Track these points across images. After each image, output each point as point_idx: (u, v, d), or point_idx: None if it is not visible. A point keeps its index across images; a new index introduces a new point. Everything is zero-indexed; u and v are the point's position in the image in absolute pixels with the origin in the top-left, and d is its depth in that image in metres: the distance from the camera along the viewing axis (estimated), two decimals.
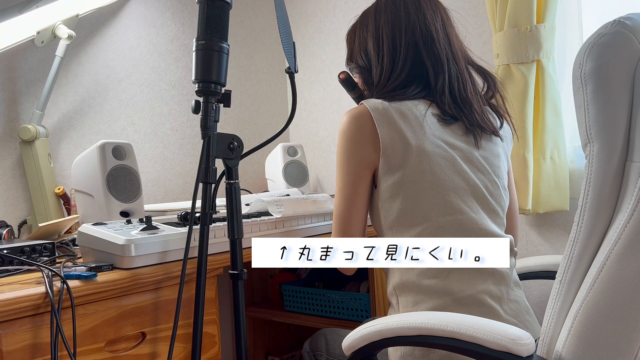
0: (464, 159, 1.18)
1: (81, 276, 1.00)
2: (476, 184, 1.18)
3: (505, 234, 1.20)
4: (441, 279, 1.12)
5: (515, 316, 1.14)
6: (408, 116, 1.16)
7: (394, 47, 1.24)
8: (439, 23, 1.26)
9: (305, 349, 1.43)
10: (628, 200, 0.79)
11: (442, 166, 1.15)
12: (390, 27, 1.25)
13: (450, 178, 1.15)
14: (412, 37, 1.24)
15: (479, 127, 1.22)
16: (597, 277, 0.81)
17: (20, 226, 1.62)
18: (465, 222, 1.14)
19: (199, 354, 1.07)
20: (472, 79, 1.28)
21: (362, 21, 1.33)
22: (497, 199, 1.21)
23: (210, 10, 1.06)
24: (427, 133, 1.16)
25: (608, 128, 0.81)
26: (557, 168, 1.70)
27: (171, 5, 2.06)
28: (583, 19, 1.79)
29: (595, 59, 0.80)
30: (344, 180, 1.21)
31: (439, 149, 1.16)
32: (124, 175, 1.44)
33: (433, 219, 1.14)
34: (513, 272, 1.20)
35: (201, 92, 1.07)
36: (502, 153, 1.26)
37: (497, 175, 1.22)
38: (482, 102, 1.27)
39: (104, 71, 1.86)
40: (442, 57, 1.23)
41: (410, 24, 1.24)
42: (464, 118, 1.21)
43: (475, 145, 1.20)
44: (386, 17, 1.26)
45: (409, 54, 1.23)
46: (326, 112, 2.37)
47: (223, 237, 1.24)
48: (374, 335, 0.98)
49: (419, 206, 1.14)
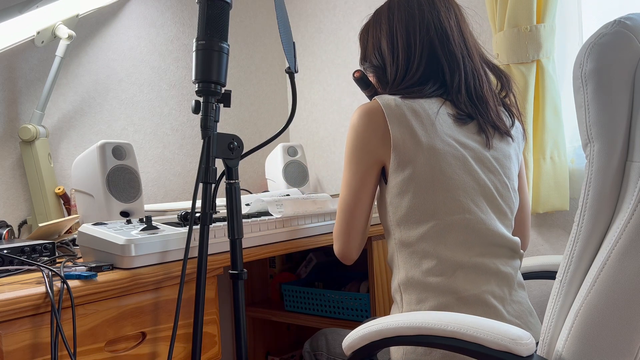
0: (475, 158, 1.17)
1: (81, 276, 1.00)
2: (486, 184, 1.17)
3: (512, 236, 1.20)
4: (447, 277, 1.12)
5: (518, 317, 1.14)
6: (420, 114, 1.16)
7: (408, 46, 1.23)
8: (453, 20, 1.25)
9: (305, 348, 1.43)
10: (628, 200, 0.79)
11: (453, 165, 1.15)
12: (404, 26, 1.24)
13: (460, 177, 1.15)
14: (426, 35, 1.22)
15: (492, 126, 1.21)
16: (598, 277, 0.80)
17: (20, 226, 1.62)
18: (473, 222, 1.14)
19: (199, 354, 1.07)
20: (488, 76, 1.27)
21: (375, 20, 1.31)
22: (507, 200, 1.20)
23: (210, 10, 1.06)
24: (439, 131, 1.15)
25: (608, 128, 0.81)
26: (557, 168, 1.70)
27: (171, 5, 2.06)
28: (583, 19, 1.79)
29: (595, 59, 0.80)
30: (352, 172, 1.21)
31: (450, 148, 1.15)
32: (124, 175, 1.44)
33: (441, 217, 1.14)
34: (517, 274, 1.20)
35: (201, 92, 1.07)
36: (514, 154, 1.26)
37: (507, 176, 1.21)
38: (496, 100, 1.26)
39: (104, 71, 1.86)
40: (458, 55, 1.22)
41: (425, 22, 1.23)
42: (479, 116, 1.20)
43: (486, 145, 1.20)
44: (400, 15, 1.25)
45: (425, 51, 1.22)
46: (326, 112, 2.37)
47: (223, 237, 1.24)
48: (374, 335, 0.98)
49: (428, 203, 1.14)
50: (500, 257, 1.16)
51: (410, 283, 1.15)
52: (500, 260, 1.16)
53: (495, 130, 1.22)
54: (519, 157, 1.29)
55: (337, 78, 2.35)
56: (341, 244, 1.26)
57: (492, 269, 1.14)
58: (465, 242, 1.14)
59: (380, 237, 1.68)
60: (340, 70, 2.34)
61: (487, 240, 1.15)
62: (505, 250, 1.17)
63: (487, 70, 1.28)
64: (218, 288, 1.25)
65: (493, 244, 1.16)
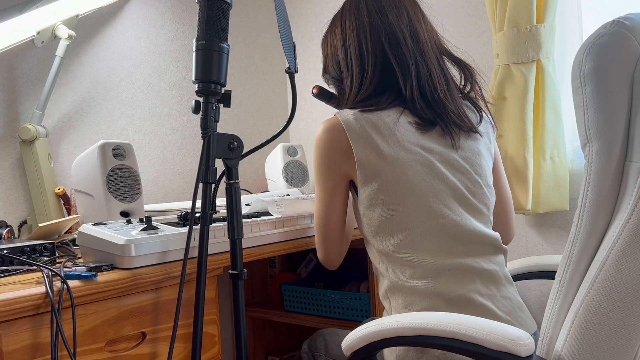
0: (442, 161, 1.17)
1: (81, 276, 1.00)
2: (456, 185, 1.16)
3: (492, 232, 1.19)
4: (430, 280, 1.11)
5: (508, 313, 1.13)
6: (380, 126, 1.15)
7: (361, 55, 1.22)
8: (405, 22, 1.22)
9: (304, 349, 1.43)
10: (627, 200, 0.79)
11: (419, 172, 1.14)
12: (355, 34, 1.23)
13: (428, 183, 1.14)
14: (377, 42, 1.21)
15: (456, 127, 1.20)
16: (597, 277, 0.81)
17: (20, 226, 1.62)
18: (447, 226, 1.14)
19: (199, 354, 1.07)
20: (447, 74, 1.24)
21: (331, 28, 1.31)
22: (481, 198, 1.19)
23: (210, 10, 1.06)
24: (401, 140, 1.15)
25: (607, 128, 0.81)
26: (557, 168, 1.70)
27: (171, 5, 2.06)
28: (583, 19, 1.79)
29: (594, 59, 0.80)
30: (320, 188, 1.24)
31: (415, 155, 1.15)
32: (124, 175, 1.44)
33: (414, 226, 1.13)
34: (504, 269, 1.19)
35: (201, 92, 1.07)
36: (484, 149, 1.24)
37: (478, 173, 1.20)
38: (458, 98, 1.24)
39: (104, 71, 1.86)
40: (409, 59, 1.20)
41: (375, 29, 1.21)
42: (439, 120, 1.19)
43: (453, 147, 1.19)
44: (350, 23, 1.24)
45: (377, 60, 1.21)
46: (326, 112, 2.37)
47: (223, 237, 1.24)
48: (374, 335, 0.98)
49: (400, 213, 1.14)
50: (482, 255, 1.15)
51: (395, 288, 1.15)
52: (482, 258, 1.15)
53: (460, 130, 1.21)
54: (490, 150, 1.28)
55: None
56: (322, 252, 1.31)
57: (475, 268, 1.13)
58: (443, 247, 1.13)
59: None
60: None
61: (466, 240, 1.14)
62: (486, 247, 1.17)
63: (446, 68, 1.25)
64: (218, 288, 1.25)
65: (472, 243, 1.15)
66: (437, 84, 1.21)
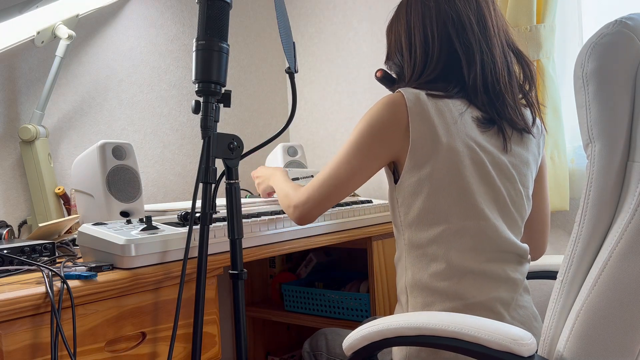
0: (492, 163, 1.15)
1: (81, 276, 1.00)
2: (501, 191, 1.15)
3: (521, 243, 1.18)
4: (453, 282, 1.11)
5: (523, 322, 1.13)
6: (445, 113, 1.13)
7: (425, 40, 1.19)
8: (473, 7, 1.19)
9: (305, 348, 1.43)
10: (630, 201, 0.79)
11: (470, 168, 1.12)
12: (421, 19, 1.20)
13: (476, 181, 1.13)
14: (443, 28, 1.18)
15: (509, 126, 1.18)
16: (599, 277, 0.80)
17: (20, 226, 1.61)
18: (485, 228, 1.13)
19: (199, 354, 1.07)
20: (510, 66, 1.20)
21: (396, 14, 1.28)
22: (518, 208, 1.18)
23: (210, 10, 1.06)
24: (461, 132, 1.13)
25: (610, 128, 0.81)
26: (557, 168, 1.70)
27: (171, 5, 2.06)
28: (583, 19, 1.79)
29: (597, 59, 0.80)
30: (355, 152, 1.18)
31: (470, 151, 1.13)
32: (124, 175, 1.44)
33: (454, 221, 1.12)
34: (525, 280, 1.19)
35: (201, 92, 1.07)
36: (532, 160, 1.22)
37: (522, 184, 1.19)
38: (517, 94, 1.21)
39: (104, 71, 1.86)
40: (474, 46, 1.16)
41: (441, 14, 1.18)
42: (496, 115, 1.16)
43: (504, 149, 1.17)
44: (416, 9, 1.21)
45: (443, 46, 1.18)
46: (326, 112, 2.37)
47: (223, 237, 1.24)
48: (375, 335, 0.98)
49: (441, 206, 1.12)
50: (509, 264, 1.15)
51: (417, 285, 1.14)
52: (509, 266, 1.15)
53: (513, 130, 1.18)
54: (537, 161, 1.25)
55: (337, 78, 2.35)
56: (309, 209, 1.24)
57: (501, 275, 1.13)
58: (476, 248, 1.12)
59: (380, 237, 1.68)
60: (340, 70, 2.34)
61: (497, 246, 1.14)
62: (514, 256, 1.16)
63: (510, 59, 1.21)
64: (218, 288, 1.24)
65: (503, 251, 1.14)
66: (499, 76, 1.17)
